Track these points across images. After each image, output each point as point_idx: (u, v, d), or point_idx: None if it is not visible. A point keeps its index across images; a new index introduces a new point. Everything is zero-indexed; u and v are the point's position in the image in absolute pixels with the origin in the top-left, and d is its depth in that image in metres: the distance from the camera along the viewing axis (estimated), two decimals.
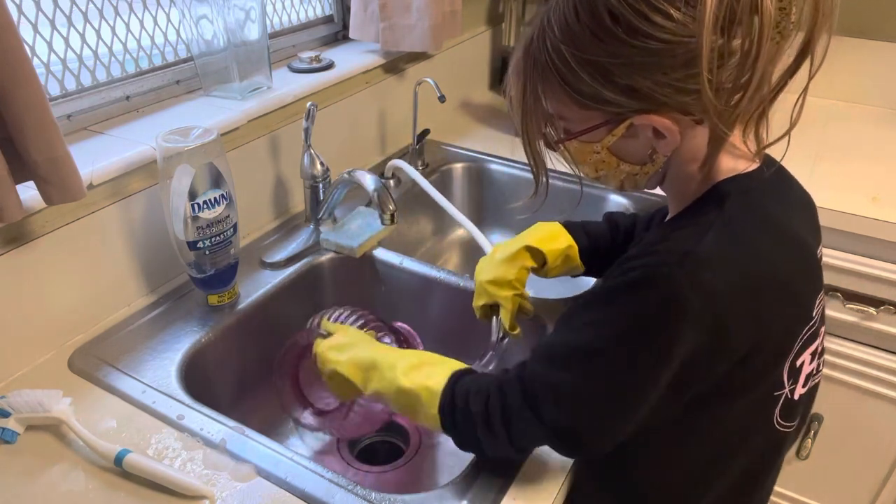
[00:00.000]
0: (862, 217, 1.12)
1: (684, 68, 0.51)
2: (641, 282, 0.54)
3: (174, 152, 0.81)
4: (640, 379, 0.56)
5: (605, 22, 0.52)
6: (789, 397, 0.63)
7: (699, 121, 0.56)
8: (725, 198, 0.58)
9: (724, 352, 0.55)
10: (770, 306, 0.57)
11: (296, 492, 0.67)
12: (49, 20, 0.87)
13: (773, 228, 0.59)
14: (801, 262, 0.62)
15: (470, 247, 1.45)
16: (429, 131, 1.35)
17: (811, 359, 0.65)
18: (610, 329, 0.56)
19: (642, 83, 0.53)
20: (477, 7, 1.65)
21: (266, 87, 1.09)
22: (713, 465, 0.65)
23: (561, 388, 0.58)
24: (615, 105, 0.55)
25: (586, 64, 0.54)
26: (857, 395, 1.27)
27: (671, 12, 0.50)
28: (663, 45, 0.50)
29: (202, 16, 0.99)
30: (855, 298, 1.19)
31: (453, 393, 0.65)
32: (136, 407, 0.77)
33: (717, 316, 0.53)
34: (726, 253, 0.55)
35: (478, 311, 0.89)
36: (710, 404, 0.59)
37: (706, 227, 0.56)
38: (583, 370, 0.57)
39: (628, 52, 0.52)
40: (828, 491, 1.39)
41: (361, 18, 1.26)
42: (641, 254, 0.57)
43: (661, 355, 0.54)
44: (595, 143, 0.60)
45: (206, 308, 0.93)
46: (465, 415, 0.63)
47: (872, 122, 1.46)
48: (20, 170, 0.70)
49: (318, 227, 1.10)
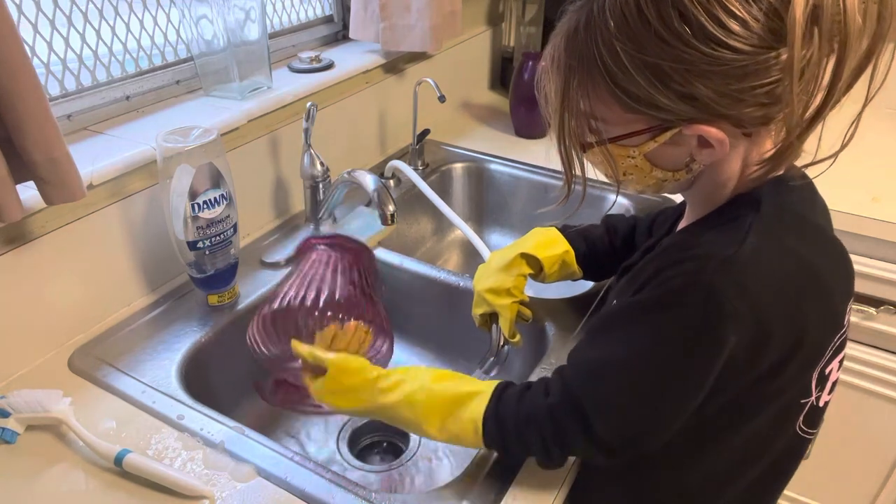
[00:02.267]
0: (862, 217, 1.12)
1: (751, 79, 0.48)
2: (684, 290, 0.52)
3: (174, 152, 0.81)
4: (690, 387, 0.55)
5: (672, 23, 0.47)
6: (815, 405, 0.62)
7: (748, 134, 0.53)
8: (760, 200, 0.56)
9: (762, 358, 0.54)
10: (809, 311, 0.55)
11: (296, 492, 0.67)
12: (49, 20, 0.87)
13: (811, 231, 0.58)
14: (839, 266, 0.60)
15: (470, 247, 1.44)
16: (429, 131, 1.35)
17: (838, 367, 0.64)
18: (656, 340, 0.55)
19: (703, 92, 0.49)
20: (477, 7, 1.65)
21: (266, 87, 1.09)
22: (734, 469, 0.64)
23: (611, 404, 0.57)
24: (667, 112, 0.51)
25: (643, 65, 0.49)
26: (858, 395, 1.27)
27: (748, 20, 0.46)
28: (735, 54, 0.47)
29: (202, 16, 0.99)
30: (855, 298, 1.18)
31: (499, 422, 0.63)
32: (136, 407, 0.77)
33: (761, 321, 0.52)
34: (768, 256, 0.53)
35: (477, 319, 0.89)
36: (740, 409, 0.58)
37: (744, 229, 0.54)
38: (630, 384, 0.56)
39: (694, 57, 0.48)
40: (828, 491, 1.39)
41: (361, 18, 1.26)
42: (675, 261, 0.54)
43: (708, 363, 0.53)
44: (632, 148, 0.56)
45: (206, 308, 0.93)
46: (519, 444, 0.63)
47: (872, 122, 1.45)
48: (20, 170, 0.69)
49: (318, 227, 1.10)
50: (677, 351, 0.54)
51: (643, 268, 0.58)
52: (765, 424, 0.60)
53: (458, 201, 1.44)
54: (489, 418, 0.63)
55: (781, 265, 0.54)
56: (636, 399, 0.56)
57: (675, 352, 0.54)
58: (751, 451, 0.63)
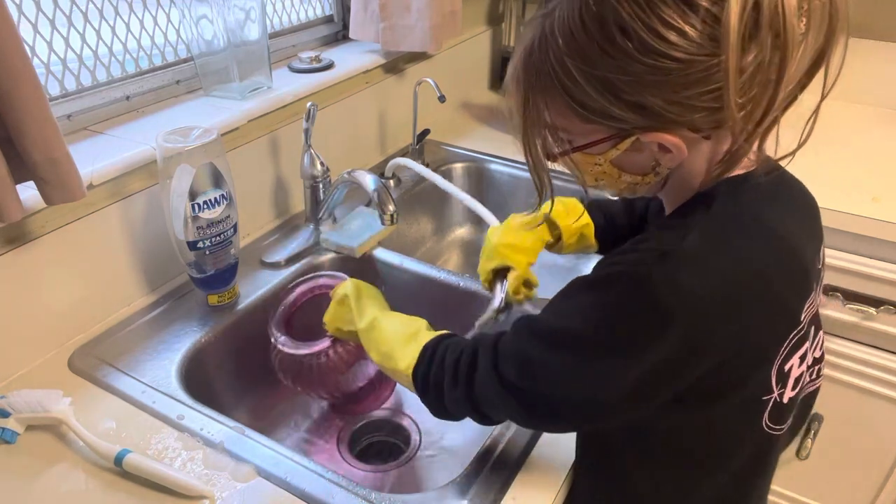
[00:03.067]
0: (862, 217, 1.12)
1: (697, 86, 0.49)
2: (620, 277, 0.54)
3: (174, 152, 0.81)
4: (603, 370, 0.55)
5: (614, 37, 0.49)
6: (778, 401, 0.63)
7: (707, 136, 0.54)
8: (713, 199, 0.57)
9: (699, 355, 0.54)
10: (751, 311, 0.56)
11: (296, 492, 0.67)
12: (49, 20, 0.87)
13: (761, 231, 0.58)
14: (789, 266, 0.60)
15: (470, 247, 1.45)
16: (429, 131, 1.35)
17: (800, 362, 0.64)
18: (583, 317, 0.56)
19: (652, 101, 0.50)
20: (477, 7, 1.65)
21: (266, 87, 1.09)
22: (703, 467, 0.65)
23: (528, 357, 0.59)
24: (621, 121, 0.53)
25: (593, 79, 0.51)
26: (857, 395, 1.27)
27: (686, 30, 0.47)
28: (677, 63, 0.48)
29: (202, 16, 0.99)
30: (855, 298, 1.19)
31: (434, 352, 0.67)
32: (135, 407, 0.77)
33: (693, 318, 0.52)
34: (707, 254, 0.54)
35: (484, 274, 0.89)
36: (690, 406, 0.59)
37: (690, 227, 0.55)
38: (552, 349, 0.58)
39: (639, 69, 0.49)
40: (828, 491, 1.39)
41: (361, 18, 1.26)
42: (626, 250, 0.57)
43: (628, 352, 0.54)
44: (597, 156, 0.58)
45: (206, 308, 0.93)
46: (439, 365, 0.66)
47: (872, 122, 1.46)
48: (20, 170, 0.70)
49: (318, 227, 1.10)
50: (600, 332, 0.55)
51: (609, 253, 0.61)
52: (728, 421, 0.61)
53: (459, 202, 1.44)
54: (430, 344, 0.68)
55: (720, 264, 0.54)
56: (554, 363, 0.58)
57: (597, 332, 0.55)
58: (720, 447, 0.63)
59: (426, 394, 0.68)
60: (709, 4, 0.47)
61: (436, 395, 0.67)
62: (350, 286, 0.80)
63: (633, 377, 0.55)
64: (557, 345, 0.58)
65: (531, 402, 0.60)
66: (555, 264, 1.38)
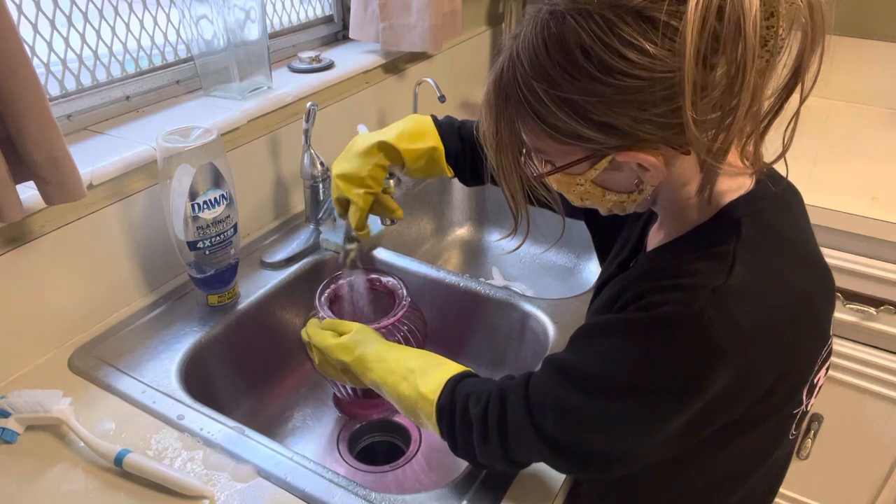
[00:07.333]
0: (862, 217, 1.12)
1: (665, 103, 0.47)
2: (669, 319, 0.51)
3: (174, 152, 0.81)
4: (655, 418, 0.53)
5: (576, 59, 0.48)
6: (805, 411, 0.63)
7: (686, 152, 0.53)
8: (740, 223, 0.55)
9: (753, 387, 0.53)
10: (797, 335, 0.55)
11: (296, 492, 0.67)
12: (49, 20, 0.87)
13: (793, 251, 0.57)
14: (822, 281, 0.60)
15: (470, 247, 1.45)
16: None
17: (825, 373, 0.64)
18: (627, 362, 0.53)
19: (620, 120, 0.49)
20: (477, 7, 1.65)
21: (266, 87, 1.09)
22: (730, 483, 0.64)
23: (569, 405, 0.56)
24: (593, 142, 0.52)
25: (560, 101, 0.50)
26: (857, 395, 1.27)
27: (646, 47, 0.46)
28: (640, 81, 0.47)
29: (202, 16, 0.99)
30: (855, 298, 1.19)
31: (453, 396, 0.64)
32: (135, 407, 0.77)
33: (751, 354, 0.51)
34: (757, 286, 0.52)
35: (335, 204, 0.85)
36: (733, 435, 0.58)
37: (729, 257, 0.53)
38: (597, 397, 0.55)
39: (603, 90, 0.48)
40: (828, 491, 1.39)
41: (361, 18, 1.26)
42: (662, 287, 0.53)
43: (683, 397, 0.52)
44: (578, 176, 0.56)
45: (206, 308, 0.93)
46: (462, 418, 0.62)
47: (872, 122, 1.46)
48: (20, 170, 0.70)
49: (318, 227, 1.10)
50: (653, 380, 0.52)
51: (625, 287, 0.58)
52: (762, 440, 0.60)
53: (459, 201, 1.45)
54: (448, 385, 0.65)
55: (770, 294, 0.53)
56: (600, 412, 0.55)
57: (650, 380, 0.52)
58: (749, 465, 0.63)
59: (455, 449, 0.65)
60: (668, 18, 0.45)
61: (465, 451, 0.65)
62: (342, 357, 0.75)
63: (685, 419, 0.53)
64: (599, 392, 0.55)
65: (570, 451, 0.58)
66: (555, 264, 1.38)
